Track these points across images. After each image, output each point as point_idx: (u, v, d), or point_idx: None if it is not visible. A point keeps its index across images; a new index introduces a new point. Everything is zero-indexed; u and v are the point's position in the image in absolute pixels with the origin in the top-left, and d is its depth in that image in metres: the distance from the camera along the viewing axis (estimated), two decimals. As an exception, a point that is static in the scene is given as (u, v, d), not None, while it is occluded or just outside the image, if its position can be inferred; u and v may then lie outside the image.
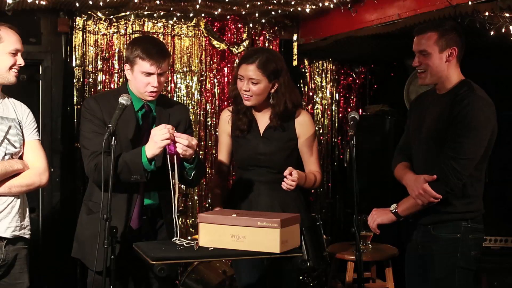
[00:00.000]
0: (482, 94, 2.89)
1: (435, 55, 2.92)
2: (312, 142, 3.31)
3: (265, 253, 2.65)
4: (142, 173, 2.82)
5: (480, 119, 2.82)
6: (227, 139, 3.37)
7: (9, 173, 2.88)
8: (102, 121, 2.94)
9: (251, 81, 3.16)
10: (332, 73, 5.67)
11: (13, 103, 3.02)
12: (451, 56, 2.92)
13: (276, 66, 3.18)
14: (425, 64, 2.95)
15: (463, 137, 2.80)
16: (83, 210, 3.08)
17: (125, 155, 2.85)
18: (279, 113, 3.22)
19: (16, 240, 2.96)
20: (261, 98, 3.21)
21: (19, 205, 2.96)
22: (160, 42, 3.21)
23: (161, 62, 2.92)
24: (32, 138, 3.01)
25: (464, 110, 2.81)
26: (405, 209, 2.97)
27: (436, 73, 2.94)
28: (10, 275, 2.96)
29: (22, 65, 2.96)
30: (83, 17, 4.75)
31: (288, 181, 3.03)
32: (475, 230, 2.92)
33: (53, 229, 4.75)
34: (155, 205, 3.04)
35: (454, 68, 2.96)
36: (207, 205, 5.18)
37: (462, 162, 2.80)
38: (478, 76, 3.14)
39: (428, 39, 2.93)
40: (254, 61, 3.15)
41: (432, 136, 2.95)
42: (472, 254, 2.92)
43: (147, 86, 2.94)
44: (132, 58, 2.94)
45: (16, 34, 2.94)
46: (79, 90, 4.80)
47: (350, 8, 4.19)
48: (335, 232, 5.58)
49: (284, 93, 3.21)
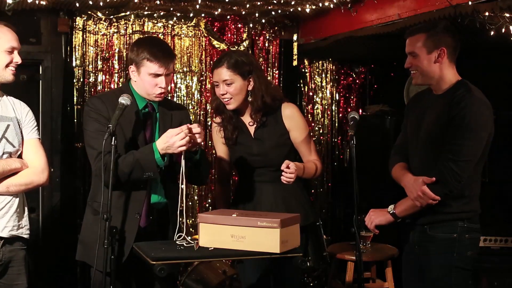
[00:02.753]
0: (480, 96, 2.88)
1: (422, 56, 2.93)
2: (304, 132, 3.32)
3: (265, 253, 2.65)
4: (156, 169, 2.84)
5: (478, 121, 2.81)
6: (223, 147, 3.40)
7: (6, 172, 2.87)
8: (108, 119, 2.91)
9: (225, 83, 3.19)
10: (332, 73, 5.67)
11: (12, 101, 3.01)
12: (440, 57, 2.91)
13: (246, 63, 3.22)
14: (415, 65, 2.97)
15: (462, 139, 2.80)
16: (88, 212, 3.07)
17: (135, 153, 2.85)
18: (258, 109, 3.24)
19: (14, 240, 2.94)
20: (240, 98, 3.23)
21: (17, 204, 2.94)
22: (165, 42, 3.23)
23: (169, 63, 2.94)
24: (31, 137, 3.00)
25: (462, 112, 2.80)
26: (403, 210, 2.97)
27: (427, 74, 2.95)
28: (8, 276, 2.93)
29: (19, 63, 2.94)
30: (83, 17, 4.75)
31: (287, 174, 3.04)
32: (471, 230, 2.92)
33: (53, 229, 4.74)
34: (162, 204, 3.04)
35: (448, 69, 2.95)
36: (207, 205, 5.18)
37: (461, 164, 2.80)
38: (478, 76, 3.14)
39: (416, 41, 2.95)
40: (223, 64, 3.20)
41: (430, 138, 2.94)
42: (469, 254, 2.91)
43: (155, 87, 2.95)
44: (139, 60, 2.94)
45: (12, 32, 2.92)
46: (79, 90, 4.80)
47: (350, 8, 4.18)
48: (335, 232, 5.58)
49: (259, 88, 3.23)
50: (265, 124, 3.28)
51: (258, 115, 3.27)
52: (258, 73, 3.27)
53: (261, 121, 3.28)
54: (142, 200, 2.95)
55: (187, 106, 5.08)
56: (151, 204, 3.01)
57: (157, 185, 3.01)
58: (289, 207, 3.23)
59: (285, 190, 3.25)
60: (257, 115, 3.27)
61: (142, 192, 2.96)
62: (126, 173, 2.82)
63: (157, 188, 3.01)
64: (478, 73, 4.49)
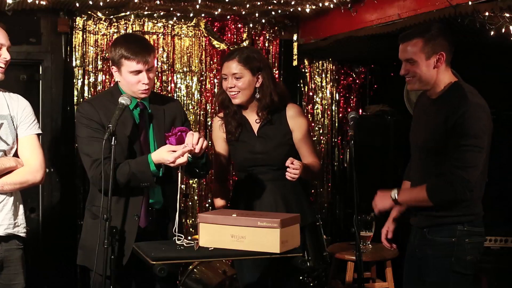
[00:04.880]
0: (475, 99, 2.82)
1: (422, 63, 2.85)
2: (306, 133, 3.33)
3: (265, 253, 2.65)
4: (152, 180, 2.84)
5: (479, 127, 2.77)
6: (223, 144, 3.39)
7: (1, 171, 2.85)
8: (100, 124, 2.91)
9: (234, 76, 3.19)
10: (332, 73, 5.66)
11: (8, 97, 2.97)
12: (439, 62, 2.85)
13: (257, 60, 3.23)
14: (413, 72, 2.89)
15: (466, 146, 2.75)
16: (87, 216, 3.06)
17: (132, 165, 2.83)
18: (266, 106, 3.25)
19: (9, 238, 2.92)
20: (247, 93, 3.23)
21: (12, 202, 2.92)
22: (142, 37, 3.22)
23: (147, 58, 2.91)
24: (28, 133, 2.96)
25: (461, 119, 2.75)
26: (405, 200, 2.97)
27: (425, 80, 2.89)
28: (4, 276, 2.92)
29: (7, 59, 2.90)
30: (83, 17, 4.75)
31: (292, 170, 3.03)
32: (472, 234, 2.86)
33: (53, 229, 4.74)
34: (160, 203, 3.04)
35: (444, 73, 2.89)
36: (207, 205, 5.18)
37: (470, 171, 2.75)
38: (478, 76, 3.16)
39: (414, 46, 2.85)
40: (234, 57, 3.21)
41: (429, 147, 2.91)
42: (468, 259, 2.86)
43: (138, 84, 2.93)
44: (117, 60, 2.94)
45: (0, 29, 2.89)
46: (79, 90, 4.80)
47: (350, 8, 4.19)
48: (335, 232, 5.58)
49: (268, 86, 3.24)
50: (270, 123, 3.29)
51: (264, 113, 3.27)
52: (268, 71, 3.28)
53: (267, 119, 3.28)
54: (140, 202, 2.95)
55: (187, 106, 5.08)
56: (149, 204, 3.01)
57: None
58: (289, 206, 3.23)
59: (285, 189, 3.25)
60: (264, 112, 3.27)
61: (139, 194, 2.96)
62: (122, 183, 2.82)
63: (155, 188, 3.00)
64: (478, 73, 4.50)
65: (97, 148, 2.82)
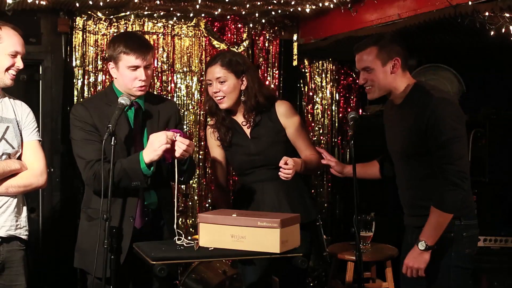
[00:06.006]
0: (440, 94, 2.87)
1: (378, 70, 2.92)
2: (300, 128, 3.33)
3: (265, 253, 2.65)
4: (142, 178, 2.83)
5: (451, 119, 2.80)
6: (219, 150, 3.39)
7: (6, 173, 2.87)
8: (93, 126, 2.92)
9: (218, 80, 3.19)
10: (332, 73, 5.67)
11: (13, 103, 3.00)
12: (395, 67, 2.91)
13: (240, 63, 3.23)
14: (371, 80, 2.95)
15: (446, 141, 2.78)
16: (83, 218, 3.05)
17: (123, 162, 2.83)
18: (252, 108, 3.25)
19: (11, 240, 2.93)
20: (233, 96, 3.23)
21: (15, 204, 2.93)
22: (141, 35, 3.22)
23: (145, 54, 2.92)
24: (31, 139, 2.99)
25: (432, 118, 2.79)
26: (433, 235, 2.83)
27: (384, 86, 2.95)
28: (6, 277, 2.92)
29: (20, 68, 2.92)
30: (83, 17, 4.75)
31: (284, 170, 3.03)
32: (468, 227, 2.89)
33: (53, 229, 4.75)
34: (155, 204, 3.04)
35: (401, 77, 2.94)
36: (207, 205, 5.18)
37: (460, 163, 2.79)
38: (478, 76, 3.16)
39: (369, 54, 2.94)
40: (217, 62, 3.21)
41: (408, 152, 2.94)
42: (467, 252, 2.89)
43: (135, 80, 2.93)
44: (116, 55, 2.93)
45: (18, 36, 2.90)
46: (79, 90, 4.80)
47: (350, 8, 4.19)
48: (335, 232, 5.58)
49: (253, 87, 3.23)
50: (260, 123, 3.28)
51: (251, 115, 3.27)
52: (252, 73, 3.27)
53: (255, 120, 3.28)
54: (135, 203, 2.95)
55: (187, 106, 5.08)
56: (145, 205, 3.00)
57: (148, 187, 2.97)
58: (293, 204, 3.23)
59: (287, 188, 3.24)
60: (250, 114, 3.27)
61: (135, 195, 2.95)
62: (114, 182, 2.81)
63: (149, 189, 3.00)
64: (478, 73, 4.50)
65: (91, 150, 2.86)
